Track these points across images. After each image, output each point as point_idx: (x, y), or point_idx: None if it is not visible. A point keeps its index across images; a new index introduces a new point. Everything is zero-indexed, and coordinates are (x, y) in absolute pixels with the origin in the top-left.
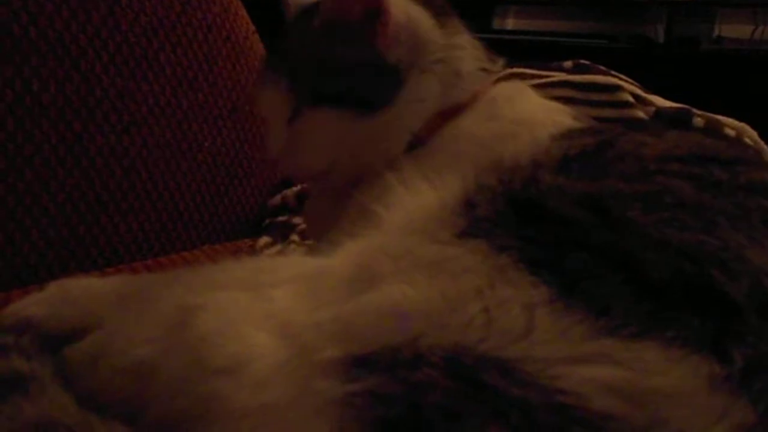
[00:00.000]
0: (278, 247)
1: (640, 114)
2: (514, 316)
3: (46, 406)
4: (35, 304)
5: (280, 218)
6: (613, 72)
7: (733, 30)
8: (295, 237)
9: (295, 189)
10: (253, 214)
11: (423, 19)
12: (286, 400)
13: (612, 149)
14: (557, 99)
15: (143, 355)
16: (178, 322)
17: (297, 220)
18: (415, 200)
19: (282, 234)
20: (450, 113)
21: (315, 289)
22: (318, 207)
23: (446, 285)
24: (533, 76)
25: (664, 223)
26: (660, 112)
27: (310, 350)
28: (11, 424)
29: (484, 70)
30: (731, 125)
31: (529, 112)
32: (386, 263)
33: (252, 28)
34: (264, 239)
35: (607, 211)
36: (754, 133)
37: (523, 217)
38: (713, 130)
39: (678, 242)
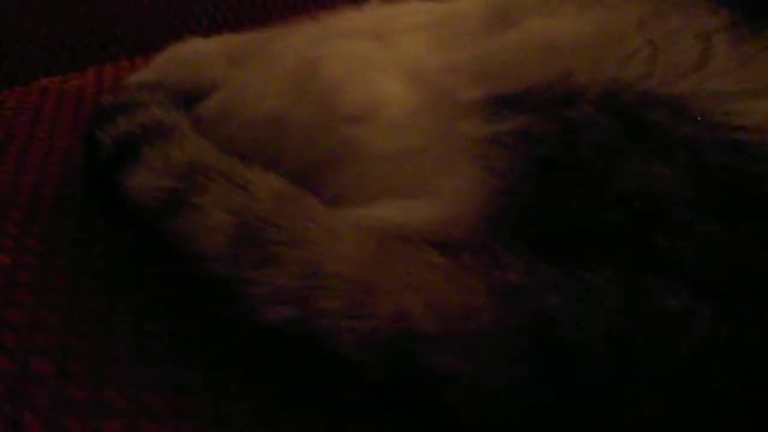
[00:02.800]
0: None
1: None
2: (685, 47)
3: (192, 150)
4: (150, 71)
5: None
6: None
7: None
8: None
9: None
10: None
11: None
12: (424, 143)
13: None
14: None
15: (274, 107)
16: (305, 73)
17: None
18: None
19: None
20: None
21: (447, 32)
22: None
23: (602, 16)
24: None
25: None
26: None
27: (446, 92)
28: (164, 165)
29: None
30: None
31: None
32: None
33: None
34: None
35: None
36: None
37: None
38: None
39: None
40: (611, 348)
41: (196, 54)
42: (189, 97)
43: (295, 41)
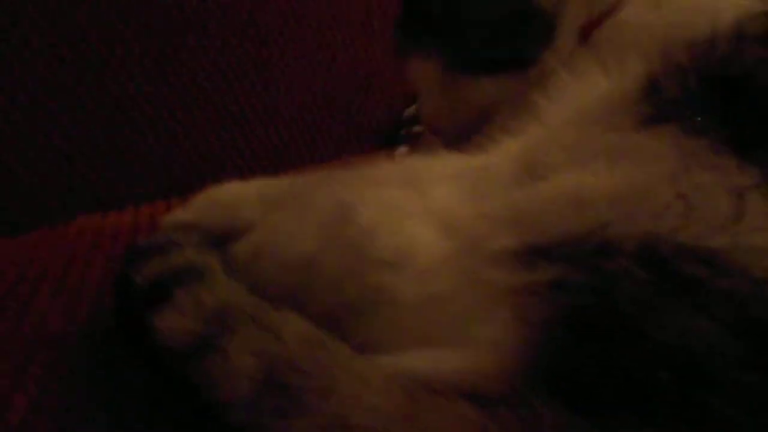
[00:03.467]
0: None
1: None
2: (718, 203)
3: (221, 292)
4: (186, 212)
5: (416, 128)
6: None
7: None
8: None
9: None
10: (387, 125)
11: None
12: (455, 291)
13: None
14: None
15: (305, 250)
16: (338, 218)
17: None
18: (588, 90)
19: (420, 144)
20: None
21: (478, 183)
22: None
23: (632, 172)
24: None
25: None
26: None
27: (478, 240)
28: (194, 307)
29: None
30: None
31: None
32: (557, 153)
33: None
34: (401, 149)
35: None
36: None
37: (721, 96)
38: None
39: None
40: None
41: (233, 196)
42: (224, 239)
43: (328, 187)
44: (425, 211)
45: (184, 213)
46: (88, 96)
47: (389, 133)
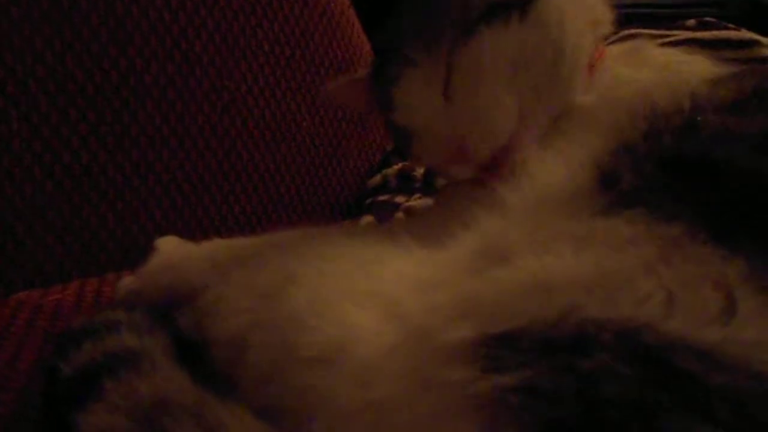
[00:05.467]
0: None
1: None
2: (705, 297)
3: (159, 383)
4: (138, 277)
5: (381, 197)
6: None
7: None
8: (400, 215)
9: (396, 167)
10: (352, 195)
11: None
12: (404, 397)
13: None
14: None
15: (236, 327)
16: (274, 291)
17: (400, 198)
18: (546, 176)
19: (386, 213)
20: None
21: (431, 269)
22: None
23: (602, 258)
24: (653, 36)
25: None
26: None
27: (428, 331)
28: (126, 403)
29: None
30: None
31: (666, 60)
32: (517, 237)
33: (347, 1)
34: (366, 218)
35: None
36: None
37: (685, 177)
38: None
39: None
40: None
41: (182, 259)
42: (175, 306)
43: (279, 253)
44: (370, 292)
45: (134, 279)
46: (34, 162)
47: (354, 203)
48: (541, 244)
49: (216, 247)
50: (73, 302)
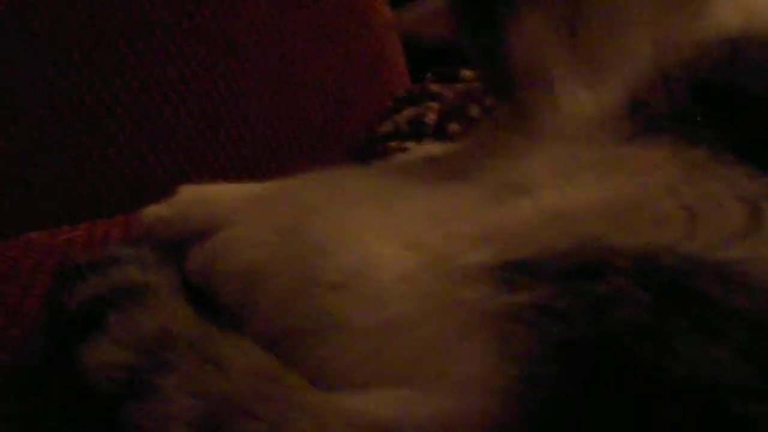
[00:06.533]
0: None
1: None
2: (729, 213)
3: (163, 318)
4: (166, 206)
5: (392, 143)
6: None
7: None
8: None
9: (406, 113)
10: (361, 141)
11: None
12: (420, 315)
13: None
14: None
15: (253, 259)
16: (291, 226)
17: (410, 144)
18: (566, 104)
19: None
20: None
21: (450, 201)
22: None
23: (624, 184)
24: None
25: None
26: None
27: (447, 256)
28: (130, 336)
29: None
30: None
31: None
32: (536, 169)
33: None
34: (377, 164)
35: None
36: None
37: (715, 105)
38: None
39: None
40: None
41: (217, 194)
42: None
43: (296, 190)
44: (389, 225)
45: (166, 208)
46: (39, 103)
47: (363, 150)
48: (561, 175)
49: (243, 188)
50: (83, 242)
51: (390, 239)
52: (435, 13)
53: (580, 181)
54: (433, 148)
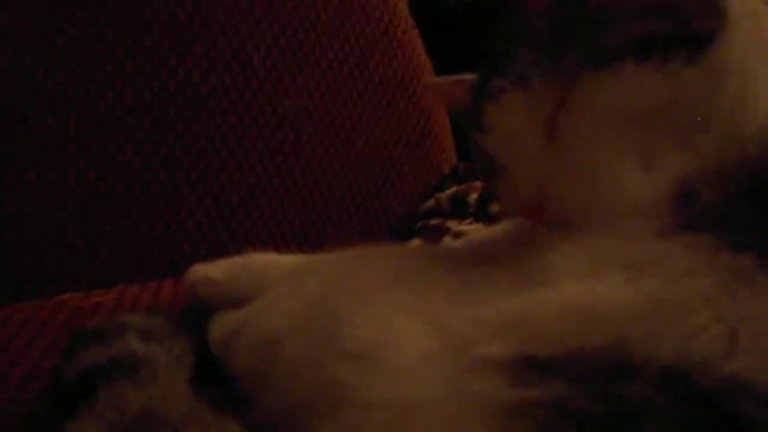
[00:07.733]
0: None
1: None
2: None
3: (153, 395)
4: (217, 267)
5: (433, 221)
6: None
7: None
8: (448, 240)
9: (449, 192)
10: (404, 217)
11: None
12: (431, 397)
13: None
14: None
15: (275, 329)
16: (315, 298)
17: (451, 223)
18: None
19: (435, 237)
20: None
21: (478, 286)
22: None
23: (657, 288)
24: None
25: None
26: None
27: (469, 343)
28: (112, 414)
29: None
30: None
31: None
32: (562, 262)
33: (411, 21)
34: (416, 242)
35: None
36: None
37: None
38: None
39: None
40: None
41: (266, 264)
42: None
43: (326, 266)
44: (414, 305)
45: (215, 268)
46: (87, 166)
47: (406, 226)
48: (591, 270)
49: (291, 260)
50: (112, 306)
51: (412, 316)
52: (460, 85)
53: (612, 278)
54: (474, 232)
